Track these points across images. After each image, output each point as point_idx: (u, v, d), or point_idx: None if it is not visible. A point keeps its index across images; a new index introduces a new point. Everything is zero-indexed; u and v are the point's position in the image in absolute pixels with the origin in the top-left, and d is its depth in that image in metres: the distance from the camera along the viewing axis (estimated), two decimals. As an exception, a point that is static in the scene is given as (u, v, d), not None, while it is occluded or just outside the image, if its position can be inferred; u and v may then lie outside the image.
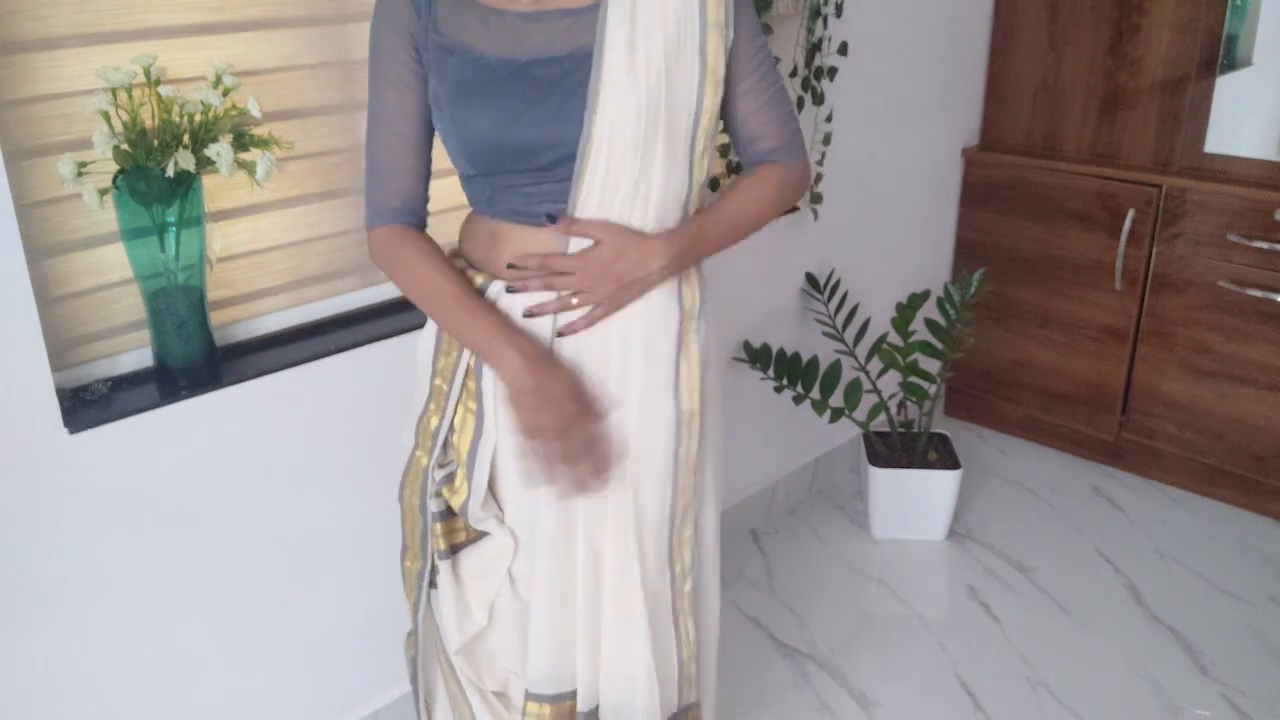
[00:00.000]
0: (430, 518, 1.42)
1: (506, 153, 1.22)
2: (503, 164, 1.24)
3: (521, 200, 1.26)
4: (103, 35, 1.49)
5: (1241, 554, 2.63)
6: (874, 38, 2.59)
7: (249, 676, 1.79)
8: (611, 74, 1.18)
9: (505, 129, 1.21)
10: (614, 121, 1.19)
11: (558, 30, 1.21)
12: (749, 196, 1.33)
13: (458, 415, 1.35)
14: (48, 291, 1.51)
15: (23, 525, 1.48)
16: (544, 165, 1.23)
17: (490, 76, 1.21)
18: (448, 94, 1.23)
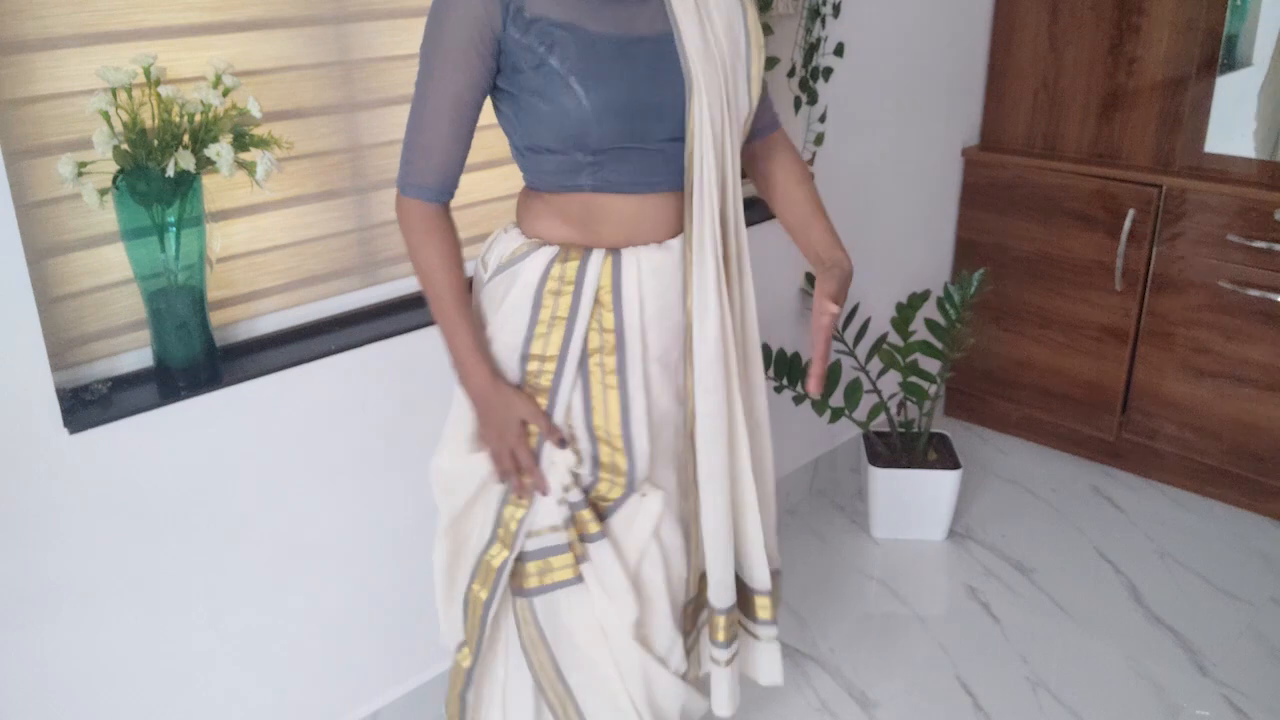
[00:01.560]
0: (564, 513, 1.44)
1: (638, 119, 1.31)
2: (629, 133, 1.31)
3: (637, 170, 1.35)
4: (103, 35, 1.49)
5: (1241, 554, 2.63)
6: (873, 38, 2.59)
7: (249, 676, 1.79)
8: (694, 51, 1.32)
9: (638, 96, 1.30)
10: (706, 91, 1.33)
11: (644, 14, 1.32)
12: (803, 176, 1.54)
13: (594, 394, 1.41)
14: (48, 291, 1.51)
15: (23, 525, 1.48)
16: (661, 135, 1.33)
17: (609, 52, 1.29)
18: (574, 67, 1.28)
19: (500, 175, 1.99)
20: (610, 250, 1.38)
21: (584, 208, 1.37)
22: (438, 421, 1.93)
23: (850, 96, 2.57)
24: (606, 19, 1.30)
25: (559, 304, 1.38)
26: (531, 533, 1.45)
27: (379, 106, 1.80)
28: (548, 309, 1.38)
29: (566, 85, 1.28)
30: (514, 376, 1.42)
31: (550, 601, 1.48)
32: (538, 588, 1.47)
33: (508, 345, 1.41)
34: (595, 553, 1.46)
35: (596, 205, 1.36)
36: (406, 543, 1.95)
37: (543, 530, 1.45)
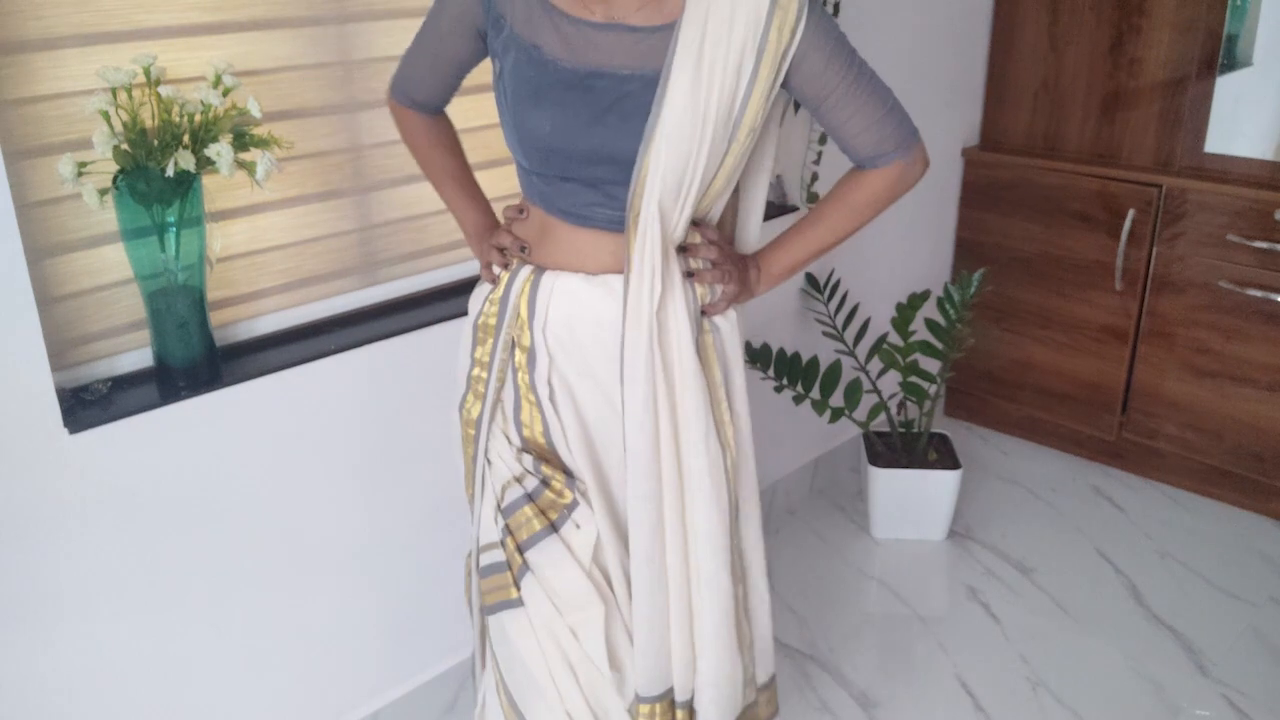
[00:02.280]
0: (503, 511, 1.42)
1: (563, 157, 1.28)
2: (558, 167, 1.30)
3: (574, 203, 1.33)
4: (103, 35, 1.49)
5: (1241, 554, 2.63)
6: (873, 37, 2.59)
7: (249, 676, 1.79)
8: (674, 100, 1.22)
9: (565, 135, 1.26)
10: (671, 142, 1.23)
11: (625, 47, 1.25)
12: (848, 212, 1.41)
13: (523, 406, 1.41)
14: (48, 291, 1.51)
15: (23, 525, 1.48)
16: (599, 176, 1.29)
17: (555, 81, 1.26)
18: (512, 90, 1.29)
19: (500, 175, 1.99)
20: (536, 269, 1.38)
21: (538, 223, 1.39)
22: (438, 422, 1.94)
23: (850, 96, 2.57)
24: (575, 46, 1.25)
25: (490, 312, 1.42)
26: (482, 548, 1.44)
27: (379, 106, 1.80)
28: (484, 316, 1.43)
29: (505, 102, 1.30)
30: (465, 376, 1.47)
31: (499, 624, 1.43)
32: (490, 606, 1.44)
33: (465, 346, 1.48)
34: (542, 555, 1.38)
35: (545, 224, 1.37)
36: (407, 542, 1.95)
37: (486, 547, 1.44)
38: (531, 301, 1.37)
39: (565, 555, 1.38)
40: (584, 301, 1.34)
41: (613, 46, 1.25)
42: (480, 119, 1.90)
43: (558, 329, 1.36)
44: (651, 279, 1.29)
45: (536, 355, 1.38)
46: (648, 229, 1.27)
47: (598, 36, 1.25)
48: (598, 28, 1.25)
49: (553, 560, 1.38)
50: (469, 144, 1.94)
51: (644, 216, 1.27)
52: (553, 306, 1.36)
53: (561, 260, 1.36)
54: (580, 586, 1.38)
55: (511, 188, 1.99)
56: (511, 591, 1.40)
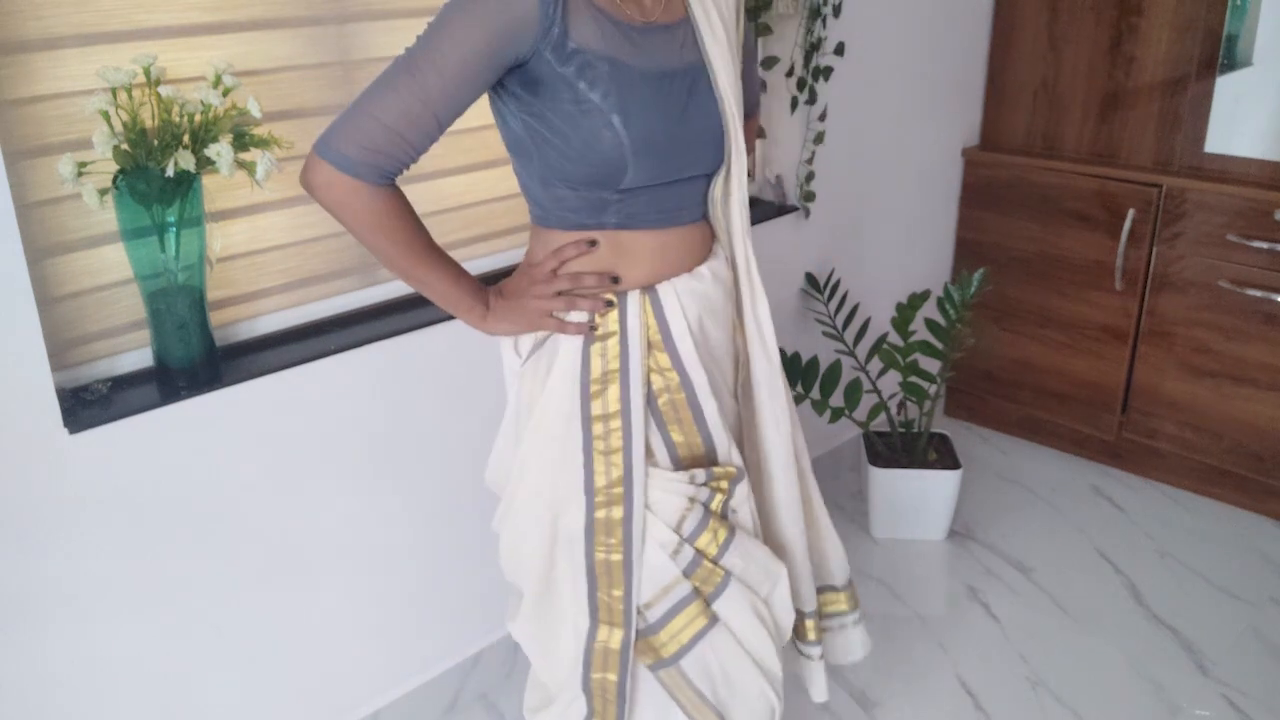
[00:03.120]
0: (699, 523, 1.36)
1: (673, 155, 1.29)
2: (663, 169, 1.28)
3: (665, 206, 1.32)
4: (103, 35, 1.49)
5: (1241, 554, 2.63)
6: (873, 37, 2.59)
7: (249, 676, 1.79)
8: (724, 81, 1.31)
9: (673, 132, 1.27)
10: (734, 118, 1.32)
11: (668, 43, 1.28)
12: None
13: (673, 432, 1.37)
14: (48, 291, 1.51)
15: (23, 525, 1.48)
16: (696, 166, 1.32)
17: (646, 86, 1.25)
18: (616, 104, 1.20)
19: (500, 175, 1.99)
20: (644, 289, 1.32)
21: (612, 248, 1.31)
22: (438, 421, 1.94)
23: (850, 96, 2.57)
24: (642, 52, 1.25)
25: (608, 356, 1.31)
26: (644, 606, 1.35)
27: (379, 106, 1.80)
28: (597, 366, 1.31)
29: (607, 121, 1.20)
30: (578, 444, 1.32)
31: (698, 660, 1.37)
32: (678, 652, 1.36)
33: (563, 414, 1.31)
34: (735, 554, 1.38)
35: (620, 243, 1.31)
36: (407, 542, 1.95)
37: (656, 597, 1.35)
38: (661, 321, 1.33)
39: (747, 539, 1.41)
40: (706, 297, 1.37)
41: (663, 46, 1.28)
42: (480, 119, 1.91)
43: (694, 335, 1.35)
44: (746, 247, 1.42)
45: (688, 370, 1.35)
46: (737, 200, 1.38)
47: (649, 39, 1.27)
48: (644, 31, 1.26)
49: (743, 551, 1.40)
50: (468, 143, 1.94)
51: (734, 188, 1.37)
52: (688, 313, 1.35)
53: (655, 272, 1.33)
54: (766, 557, 1.44)
55: (512, 186, 1.99)
56: (701, 620, 1.36)
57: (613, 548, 1.34)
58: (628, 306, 1.31)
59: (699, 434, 1.38)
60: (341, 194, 1.19)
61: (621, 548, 1.33)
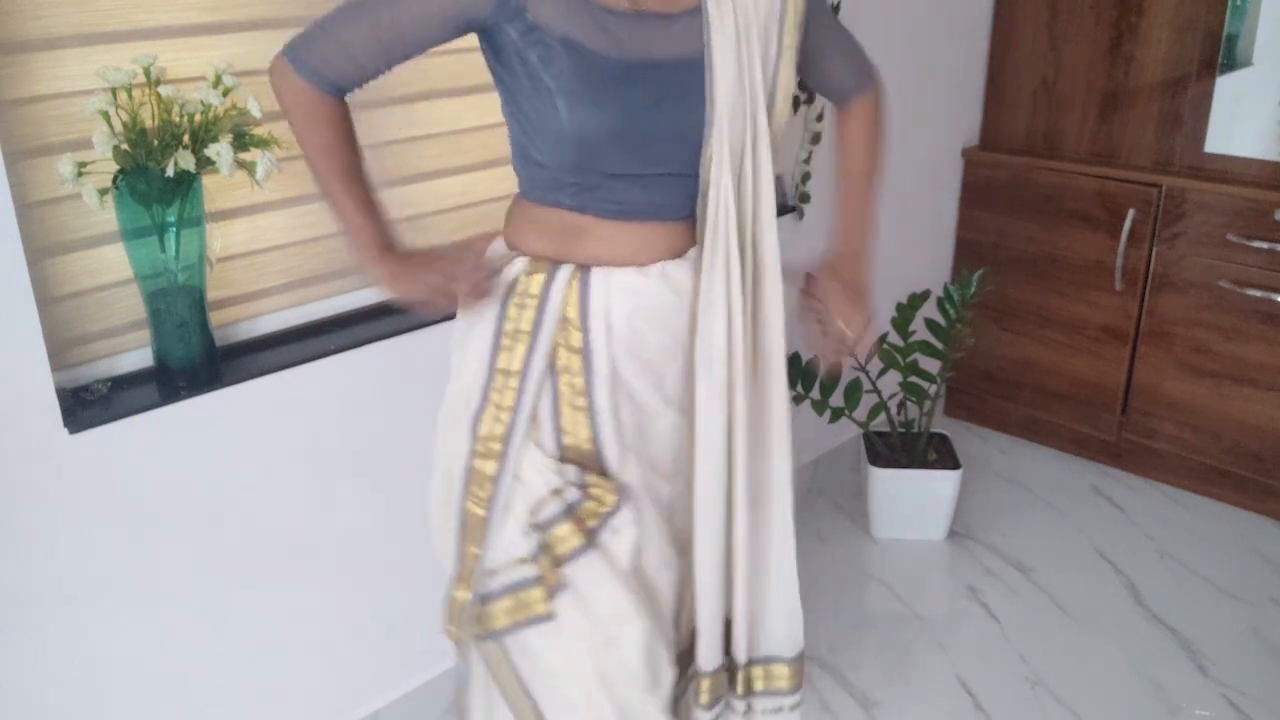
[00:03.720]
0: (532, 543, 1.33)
1: (622, 151, 1.24)
2: (613, 163, 1.25)
3: (625, 198, 1.28)
4: (103, 35, 1.49)
5: (1241, 554, 2.63)
6: (873, 38, 2.58)
7: (249, 676, 1.79)
8: (724, 79, 1.24)
9: (626, 128, 1.23)
10: (729, 121, 1.26)
11: (662, 35, 1.23)
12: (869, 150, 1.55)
13: (564, 415, 1.33)
14: (48, 291, 1.51)
15: (23, 525, 1.48)
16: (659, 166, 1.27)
17: (606, 75, 1.21)
18: (559, 88, 1.20)
19: (499, 175, 1.99)
20: (580, 267, 1.30)
21: (562, 223, 1.31)
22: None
23: (850, 96, 2.57)
24: (616, 38, 1.21)
25: (522, 318, 1.31)
26: (493, 570, 1.34)
27: (379, 107, 1.80)
28: (511, 321, 1.32)
29: (553, 104, 1.21)
30: (480, 386, 1.34)
31: (522, 642, 1.36)
32: (507, 628, 1.35)
33: (478, 357, 1.34)
34: (582, 570, 1.32)
35: (578, 224, 1.30)
36: (406, 543, 1.95)
37: (506, 566, 1.34)
38: (584, 302, 1.30)
39: (606, 571, 1.33)
40: (646, 295, 1.31)
41: (651, 36, 1.23)
42: (480, 119, 1.91)
43: (620, 329, 1.31)
44: (727, 262, 1.30)
45: (594, 357, 1.31)
46: (720, 210, 1.29)
47: (634, 27, 1.22)
48: (630, 18, 1.22)
49: (595, 578, 1.33)
50: (467, 144, 1.94)
51: (716, 197, 1.28)
52: (613, 305, 1.30)
53: (605, 256, 1.30)
54: (622, 603, 1.34)
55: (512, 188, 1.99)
56: (539, 607, 1.33)
57: (480, 501, 1.35)
58: (556, 277, 1.30)
59: (589, 429, 1.33)
60: (291, 93, 1.26)
61: (487, 505, 1.34)
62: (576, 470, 1.34)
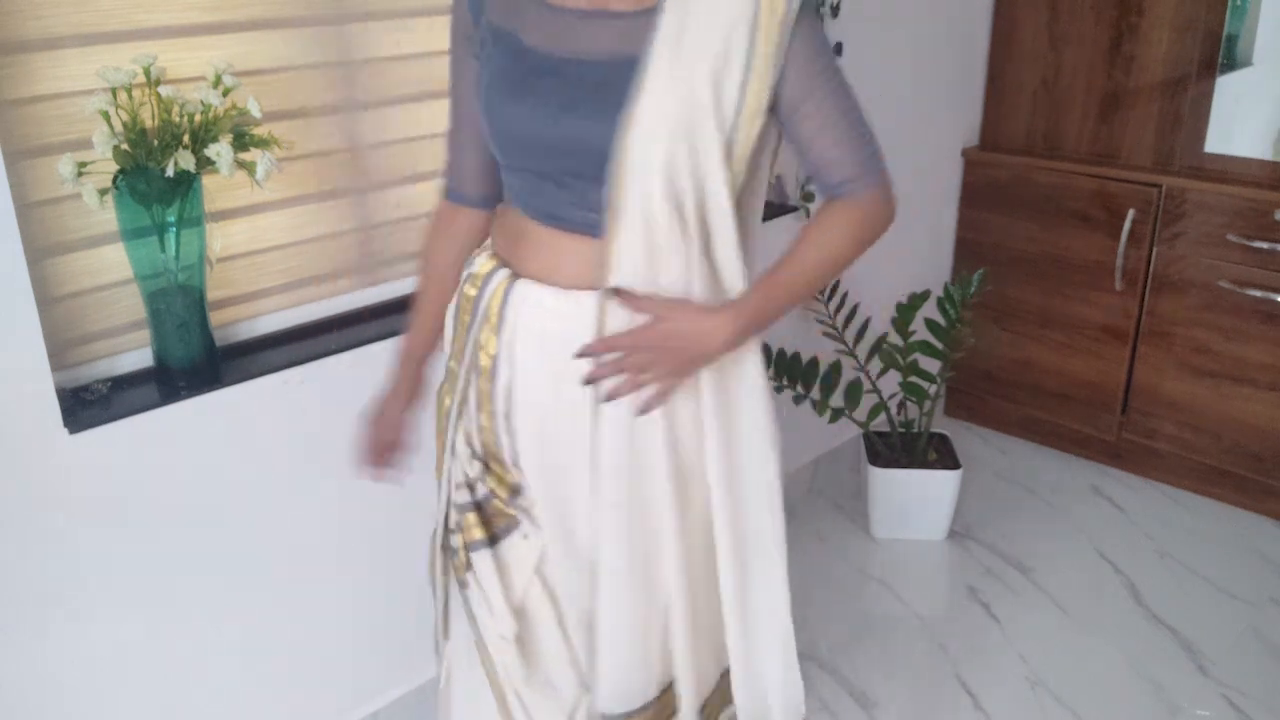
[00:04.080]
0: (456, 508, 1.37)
1: (535, 149, 1.20)
2: (531, 161, 1.22)
3: (547, 202, 1.23)
4: (103, 35, 1.49)
5: (1241, 554, 2.63)
6: (873, 37, 2.59)
7: (249, 676, 1.79)
8: (653, 85, 1.13)
9: (536, 124, 1.18)
10: (654, 133, 1.14)
11: (606, 33, 1.17)
12: (819, 246, 1.25)
13: (484, 416, 1.33)
14: (48, 291, 1.51)
15: (23, 525, 1.48)
16: (572, 170, 1.19)
17: (531, 69, 1.19)
18: (486, 80, 1.22)
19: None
20: (514, 275, 1.26)
21: (514, 226, 1.28)
22: (438, 421, 1.93)
23: (850, 96, 2.57)
24: (549, 32, 1.18)
25: (464, 307, 1.32)
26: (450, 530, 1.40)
27: (379, 106, 1.80)
28: (460, 309, 1.34)
29: (480, 96, 1.24)
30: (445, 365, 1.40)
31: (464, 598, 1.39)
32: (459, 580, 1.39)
33: (447, 333, 1.39)
34: (477, 562, 1.35)
35: (521, 226, 1.27)
36: (407, 543, 1.95)
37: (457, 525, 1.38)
38: (502, 310, 1.26)
39: (492, 575, 1.34)
40: (556, 318, 1.23)
41: (594, 33, 1.17)
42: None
43: (526, 345, 1.25)
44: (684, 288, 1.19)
45: (499, 368, 1.28)
46: (634, 232, 1.17)
47: (580, 24, 1.18)
48: (581, 15, 1.18)
49: (485, 574, 1.35)
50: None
51: (628, 217, 1.16)
52: (522, 322, 1.25)
53: (534, 268, 1.25)
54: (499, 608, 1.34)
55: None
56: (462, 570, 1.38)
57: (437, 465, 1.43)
58: (492, 278, 1.28)
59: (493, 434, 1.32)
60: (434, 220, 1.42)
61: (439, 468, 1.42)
62: (482, 469, 1.35)
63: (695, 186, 1.17)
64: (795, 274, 1.25)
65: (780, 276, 1.24)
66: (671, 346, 1.19)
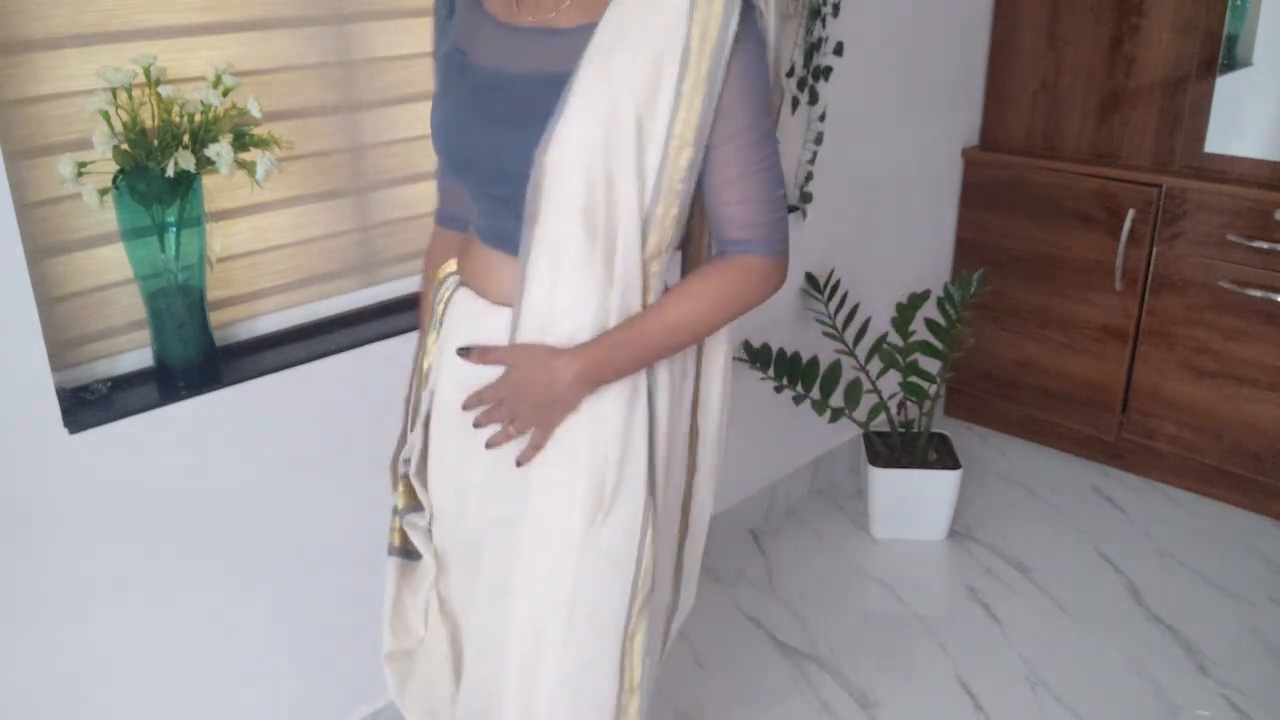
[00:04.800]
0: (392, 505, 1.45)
1: (465, 163, 1.22)
2: (466, 175, 1.24)
3: (482, 215, 1.27)
4: (103, 35, 1.49)
5: (1241, 554, 2.63)
6: (873, 37, 2.59)
7: (248, 676, 1.79)
8: (578, 101, 1.11)
9: (463, 139, 1.20)
10: (578, 149, 1.11)
11: (541, 49, 1.16)
12: (695, 296, 1.20)
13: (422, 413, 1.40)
14: (48, 291, 1.51)
15: (23, 525, 1.48)
16: (498, 185, 1.19)
17: (472, 84, 1.20)
18: (441, 98, 1.26)
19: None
20: (460, 285, 1.32)
21: (464, 242, 1.34)
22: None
23: (850, 96, 2.57)
24: (493, 49, 1.19)
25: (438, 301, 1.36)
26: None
27: (379, 106, 1.80)
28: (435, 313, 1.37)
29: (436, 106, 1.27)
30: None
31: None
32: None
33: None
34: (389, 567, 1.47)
35: (467, 237, 1.33)
36: (406, 543, 1.95)
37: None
38: (443, 315, 1.33)
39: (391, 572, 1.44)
40: (481, 329, 1.25)
41: (530, 49, 1.16)
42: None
43: (449, 360, 1.29)
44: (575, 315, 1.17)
45: (430, 372, 1.35)
46: (552, 252, 1.15)
47: (520, 40, 1.17)
48: (523, 32, 1.17)
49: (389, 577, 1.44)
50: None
51: (544, 234, 1.14)
52: (453, 329, 1.29)
53: (472, 280, 1.29)
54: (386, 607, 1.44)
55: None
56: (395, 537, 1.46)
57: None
58: (444, 285, 1.34)
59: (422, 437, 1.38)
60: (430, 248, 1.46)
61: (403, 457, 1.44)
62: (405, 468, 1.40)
63: (608, 213, 1.14)
64: (655, 323, 1.20)
65: (639, 323, 1.19)
66: (525, 393, 1.19)
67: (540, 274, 1.17)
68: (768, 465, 2.75)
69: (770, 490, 2.77)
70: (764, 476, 2.75)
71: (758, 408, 2.63)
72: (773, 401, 2.66)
